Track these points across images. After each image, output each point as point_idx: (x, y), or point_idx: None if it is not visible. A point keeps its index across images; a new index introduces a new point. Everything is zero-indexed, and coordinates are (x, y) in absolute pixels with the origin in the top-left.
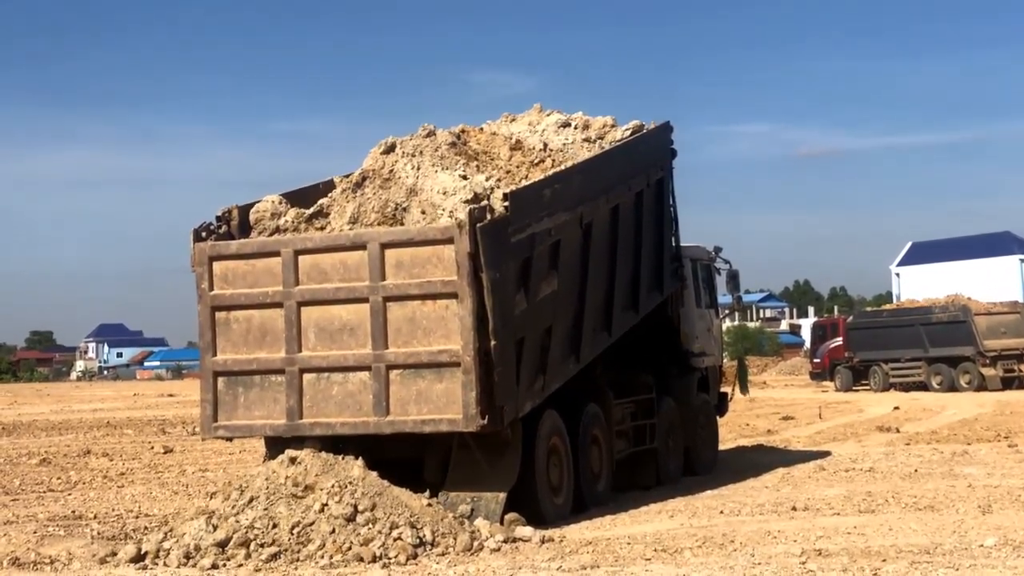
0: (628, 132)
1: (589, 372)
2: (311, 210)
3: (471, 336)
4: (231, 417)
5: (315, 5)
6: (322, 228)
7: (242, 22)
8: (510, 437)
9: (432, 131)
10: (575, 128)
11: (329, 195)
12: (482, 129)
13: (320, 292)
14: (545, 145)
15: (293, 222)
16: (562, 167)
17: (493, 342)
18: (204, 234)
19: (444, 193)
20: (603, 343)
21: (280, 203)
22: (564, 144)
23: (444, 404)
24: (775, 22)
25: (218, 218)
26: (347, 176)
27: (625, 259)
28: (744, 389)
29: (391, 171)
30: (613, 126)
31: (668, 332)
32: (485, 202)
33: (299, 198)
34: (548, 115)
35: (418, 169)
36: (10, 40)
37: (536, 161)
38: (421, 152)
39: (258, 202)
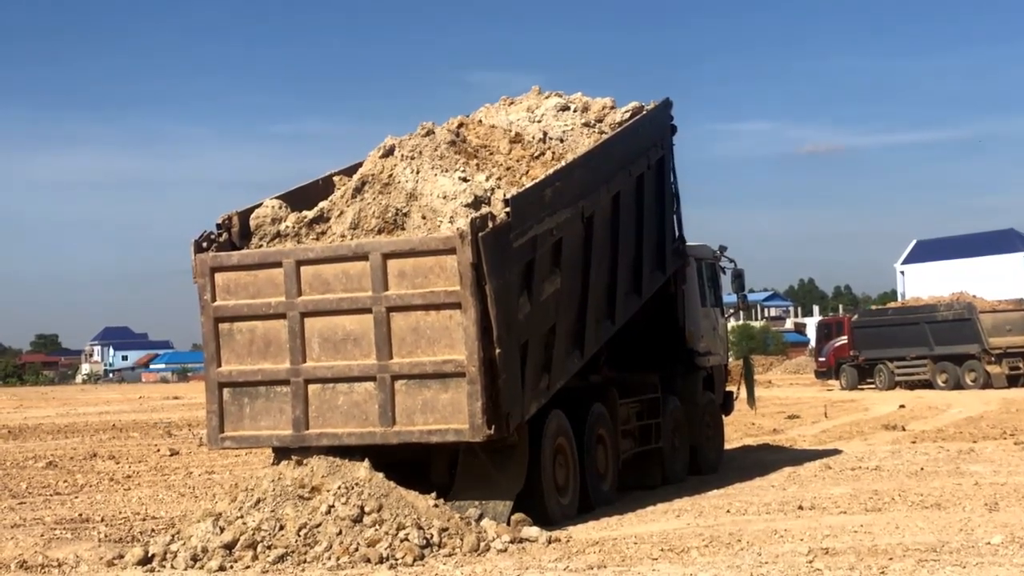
0: (627, 114)
1: (595, 372)
2: (311, 214)
3: (475, 346)
4: (237, 428)
5: (315, 6)
6: (323, 233)
7: (242, 23)
8: (516, 441)
9: (431, 129)
10: (574, 111)
11: (329, 199)
12: (480, 122)
13: (323, 303)
14: (545, 134)
15: (294, 227)
16: (562, 159)
17: (498, 350)
18: (205, 244)
19: (444, 197)
20: (607, 332)
21: (280, 207)
22: (564, 131)
23: (450, 414)
24: (778, 20)
25: (218, 226)
26: (345, 170)
27: (627, 245)
28: (751, 401)
29: (390, 175)
30: (612, 108)
31: (673, 331)
32: (486, 208)
33: (298, 198)
34: (547, 98)
35: (417, 172)
36: (10, 42)
37: (536, 154)
38: (420, 153)
39: (258, 206)
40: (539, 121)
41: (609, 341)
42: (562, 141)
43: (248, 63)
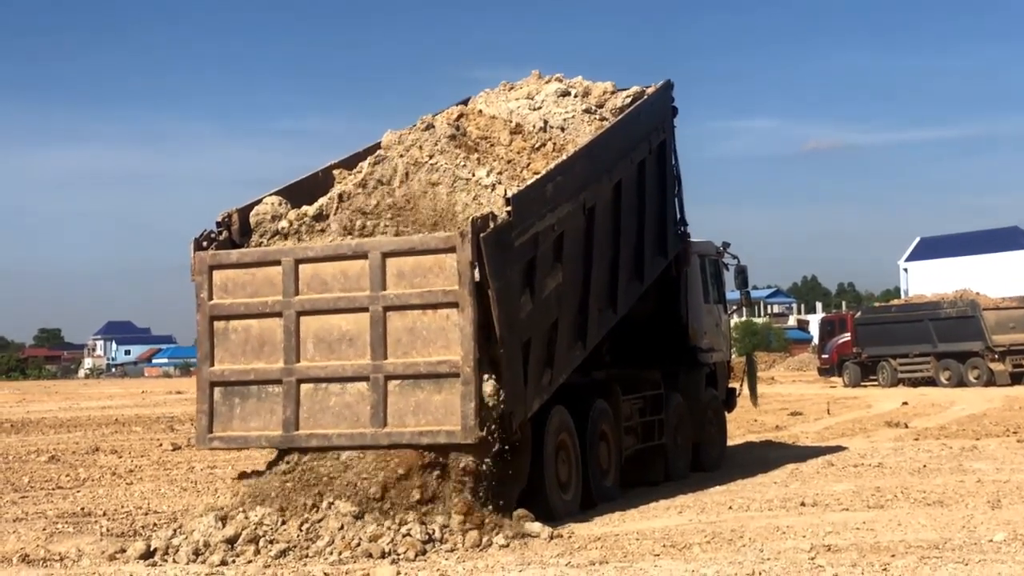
0: (629, 99)
1: (598, 365)
2: (312, 210)
3: (471, 346)
4: (226, 428)
5: (317, 4)
6: (323, 231)
7: (245, 20)
8: (519, 440)
9: (431, 123)
10: (575, 96)
11: (328, 195)
12: (481, 112)
13: (320, 302)
14: (546, 123)
15: (294, 224)
16: (563, 150)
17: (501, 350)
18: (205, 243)
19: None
20: (610, 322)
21: (280, 204)
22: (564, 119)
23: (443, 415)
24: (781, 17)
25: (218, 224)
26: (344, 162)
27: (629, 232)
28: (754, 399)
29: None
30: (614, 92)
31: (676, 328)
32: (488, 209)
33: (298, 192)
34: (547, 83)
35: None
36: (14, 38)
37: (537, 145)
38: (418, 146)
39: (258, 203)
40: (539, 108)
41: (612, 337)
42: (563, 130)
43: (251, 60)
